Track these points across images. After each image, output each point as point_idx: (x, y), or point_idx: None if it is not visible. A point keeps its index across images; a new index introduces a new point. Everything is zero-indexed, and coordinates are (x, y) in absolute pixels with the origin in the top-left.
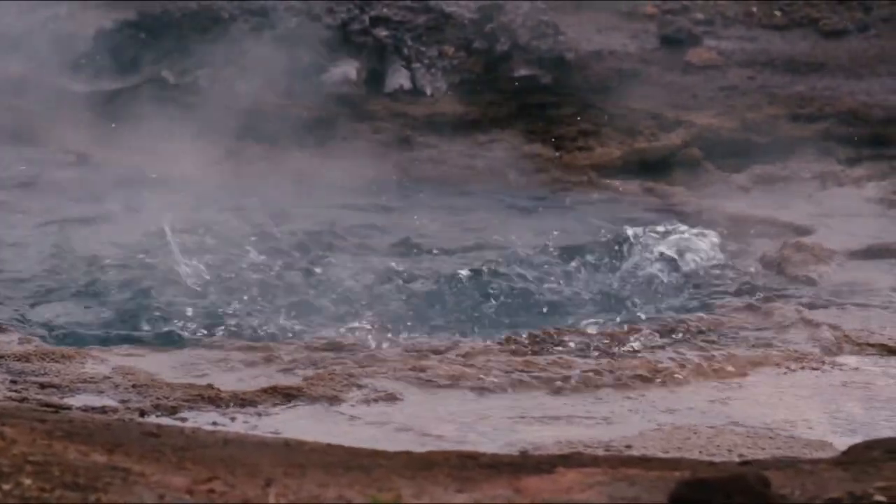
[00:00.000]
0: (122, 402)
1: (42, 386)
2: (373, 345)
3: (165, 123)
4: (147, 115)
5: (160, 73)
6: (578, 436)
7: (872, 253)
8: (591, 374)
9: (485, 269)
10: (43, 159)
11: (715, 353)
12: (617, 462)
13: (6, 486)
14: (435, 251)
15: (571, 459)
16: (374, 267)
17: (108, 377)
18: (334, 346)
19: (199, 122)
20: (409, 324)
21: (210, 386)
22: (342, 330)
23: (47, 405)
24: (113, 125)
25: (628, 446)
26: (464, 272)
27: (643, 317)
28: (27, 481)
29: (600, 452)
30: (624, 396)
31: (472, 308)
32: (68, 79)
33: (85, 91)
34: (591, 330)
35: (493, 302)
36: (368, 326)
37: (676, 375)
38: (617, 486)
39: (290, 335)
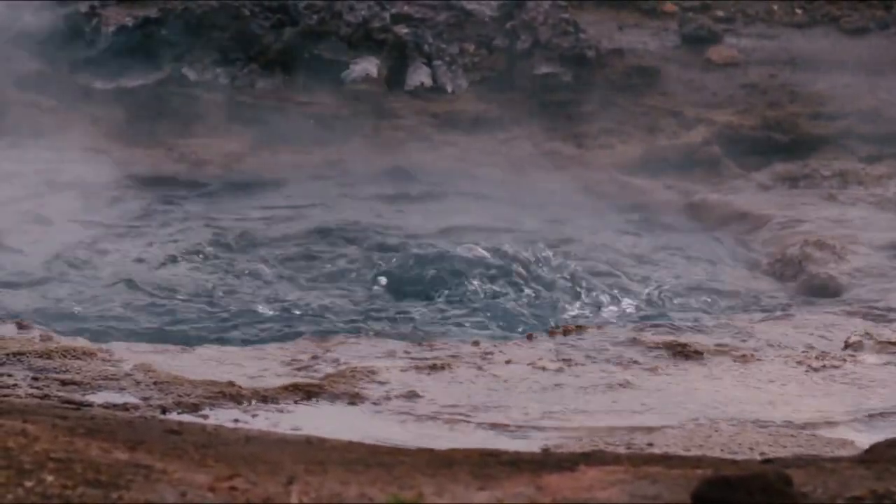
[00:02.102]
0: (144, 399)
1: (63, 383)
2: None
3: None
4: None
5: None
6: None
7: (894, 250)
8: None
9: None
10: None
11: (736, 350)
12: (639, 460)
13: (28, 483)
14: None
15: (593, 457)
16: None
17: (130, 374)
18: None
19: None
20: None
21: (231, 383)
22: None
23: (69, 402)
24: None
25: (650, 444)
26: None
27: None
28: (49, 478)
29: (622, 450)
30: (645, 391)
31: None
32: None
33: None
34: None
35: None
36: None
37: (698, 372)
38: (639, 484)
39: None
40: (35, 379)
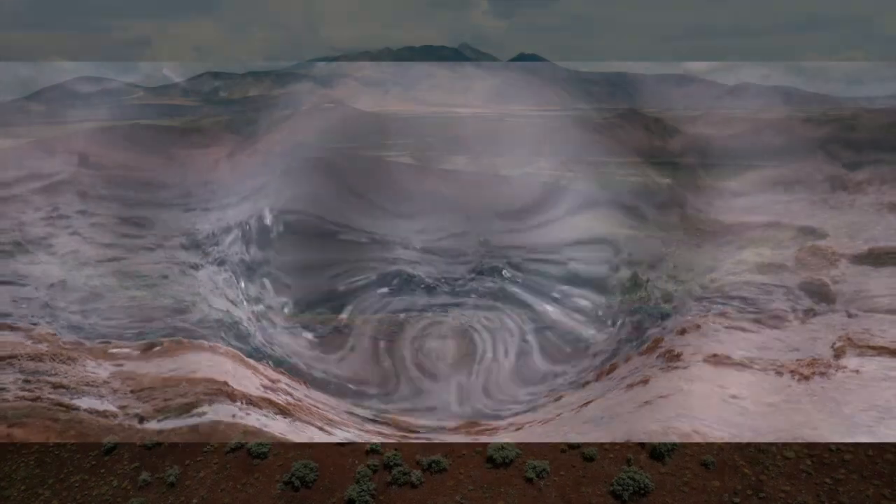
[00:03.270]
0: (121, 407)
1: (55, 386)
2: None
3: None
4: None
5: None
6: None
7: (875, 256)
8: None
9: None
10: None
11: (721, 354)
12: None
13: None
14: None
15: None
16: None
17: (107, 382)
18: None
19: None
20: None
21: (225, 383)
22: None
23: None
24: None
25: None
26: None
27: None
28: None
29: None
30: (622, 392)
31: None
32: None
33: None
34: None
35: None
36: None
37: (678, 372)
38: None
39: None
40: (27, 381)
